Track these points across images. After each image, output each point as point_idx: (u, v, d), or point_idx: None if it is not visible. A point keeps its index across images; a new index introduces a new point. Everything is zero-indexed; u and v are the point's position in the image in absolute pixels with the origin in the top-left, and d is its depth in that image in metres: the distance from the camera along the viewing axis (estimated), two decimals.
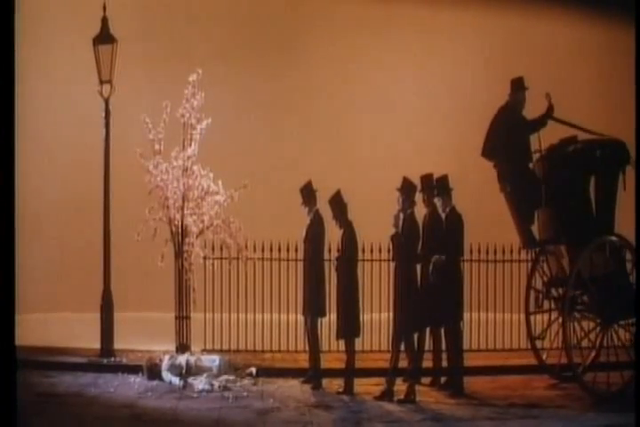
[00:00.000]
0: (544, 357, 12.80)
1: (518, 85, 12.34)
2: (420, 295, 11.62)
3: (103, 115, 13.68)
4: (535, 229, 12.45)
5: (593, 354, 12.12)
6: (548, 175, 12.20)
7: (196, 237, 13.42)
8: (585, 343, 12.02)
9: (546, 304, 12.72)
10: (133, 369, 12.84)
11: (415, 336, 11.77)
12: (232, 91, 16.83)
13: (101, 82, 13.66)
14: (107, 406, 11.13)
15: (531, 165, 12.35)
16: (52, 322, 15.32)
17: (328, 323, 12.25)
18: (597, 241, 11.84)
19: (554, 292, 12.50)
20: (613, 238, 12.01)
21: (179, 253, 13.37)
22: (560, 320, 11.96)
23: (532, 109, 12.44)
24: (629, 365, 11.49)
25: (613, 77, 17.16)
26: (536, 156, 12.36)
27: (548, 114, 12.31)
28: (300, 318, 12.57)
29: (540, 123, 12.34)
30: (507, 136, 12.17)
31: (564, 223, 12.08)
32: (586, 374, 11.87)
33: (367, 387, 11.99)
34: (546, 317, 12.85)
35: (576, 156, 12.17)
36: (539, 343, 12.89)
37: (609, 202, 12.08)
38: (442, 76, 17.82)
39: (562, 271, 12.36)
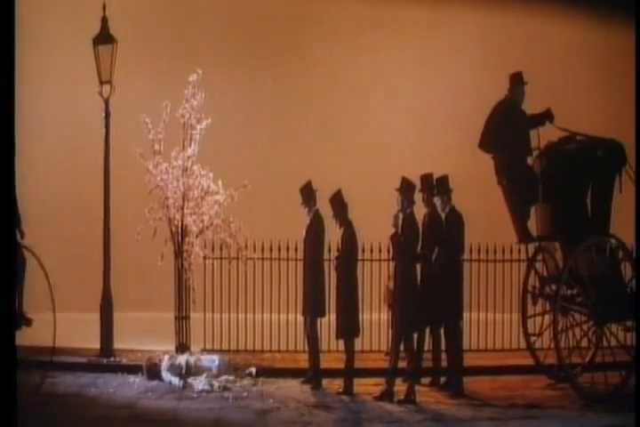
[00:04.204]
0: (542, 357, 12.78)
1: (517, 80, 12.35)
2: (420, 295, 11.61)
3: (103, 115, 13.67)
4: (533, 225, 12.46)
5: (589, 355, 12.12)
6: (546, 173, 12.20)
7: (196, 236, 13.41)
8: (577, 344, 12.02)
9: (541, 303, 12.72)
10: (133, 369, 12.84)
11: (415, 336, 11.77)
12: (232, 91, 16.85)
13: (101, 82, 13.66)
14: (107, 406, 11.13)
15: (529, 160, 12.35)
16: (52, 322, 15.29)
17: (328, 323, 12.24)
18: (591, 240, 11.84)
19: (548, 290, 12.50)
20: (608, 238, 12.02)
21: (178, 253, 13.37)
22: (551, 318, 11.99)
23: (532, 110, 12.44)
24: (625, 365, 11.52)
25: (613, 77, 17.16)
26: (535, 153, 12.36)
27: (549, 119, 12.29)
28: (300, 318, 12.56)
29: (539, 121, 12.33)
30: (506, 129, 12.16)
31: (560, 221, 12.09)
32: (582, 375, 11.89)
33: (367, 387, 11.99)
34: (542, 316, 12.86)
35: (575, 155, 12.17)
36: (537, 343, 12.88)
37: (605, 202, 12.08)
38: (442, 76, 17.84)
39: (557, 269, 12.37)
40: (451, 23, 17.70)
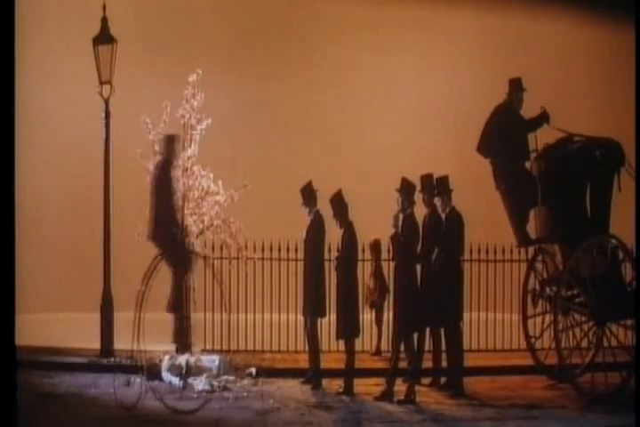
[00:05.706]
0: (543, 357, 12.78)
1: (516, 86, 12.37)
2: (420, 295, 11.61)
3: (103, 115, 13.68)
4: (532, 227, 12.47)
5: (590, 355, 12.12)
6: (545, 175, 12.21)
7: (197, 237, 13.42)
8: (577, 344, 12.03)
9: (541, 304, 12.73)
10: (133, 369, 12.81)
11: (415, 336, 11.77)
12: (232, 91, 16.85)
13: (101, 82, 13.66)
14: (107, 406, 11.12)
15: (527, 164, 12.36)
16: (52, 322, 15.32)
17: (328, 323, 12.24)
18: (591, 241, 11.85)
19: (548, 291, 12.51)
20: (608, 239, 12.03)
21: None
22: (551, 319, 11.99)
23: (531, 110, 12.45)
24: (625, 366, 11.52)
25: (613, 77, 17.16)
26: (532, 155, 12.37)
27: (545, 119, 12.30)
28: (300, 318, 12.56)
29: (536, 124, 12.35)
30: (504, 134, 12.18)
31: (559, 223, 12.09)
32: (583, 375, 11.90)
33: (367, 387, 11.99)
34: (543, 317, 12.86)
35: (573, 156, 12.16)
36: (537, 344, 12.89)
37: (604, 202, 12.08)
38: (442, 77, 17.84)
39: (557, 271, 12.37)
40: (451, 24, 17.70)
